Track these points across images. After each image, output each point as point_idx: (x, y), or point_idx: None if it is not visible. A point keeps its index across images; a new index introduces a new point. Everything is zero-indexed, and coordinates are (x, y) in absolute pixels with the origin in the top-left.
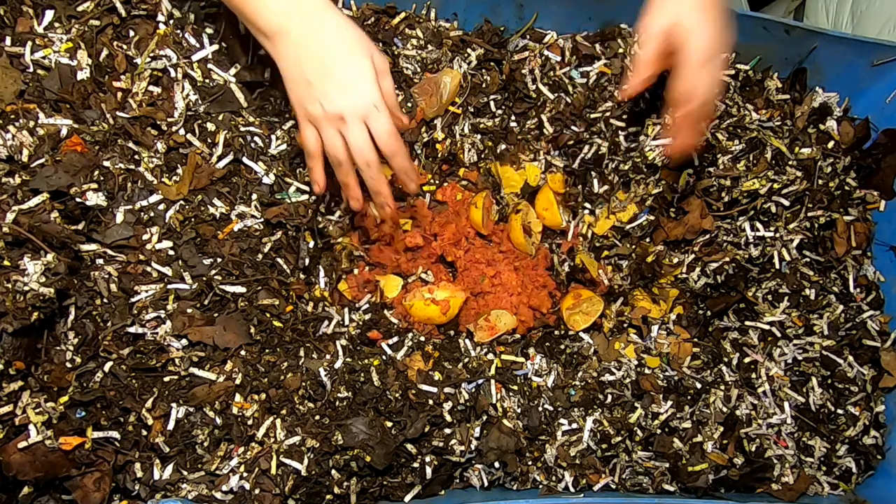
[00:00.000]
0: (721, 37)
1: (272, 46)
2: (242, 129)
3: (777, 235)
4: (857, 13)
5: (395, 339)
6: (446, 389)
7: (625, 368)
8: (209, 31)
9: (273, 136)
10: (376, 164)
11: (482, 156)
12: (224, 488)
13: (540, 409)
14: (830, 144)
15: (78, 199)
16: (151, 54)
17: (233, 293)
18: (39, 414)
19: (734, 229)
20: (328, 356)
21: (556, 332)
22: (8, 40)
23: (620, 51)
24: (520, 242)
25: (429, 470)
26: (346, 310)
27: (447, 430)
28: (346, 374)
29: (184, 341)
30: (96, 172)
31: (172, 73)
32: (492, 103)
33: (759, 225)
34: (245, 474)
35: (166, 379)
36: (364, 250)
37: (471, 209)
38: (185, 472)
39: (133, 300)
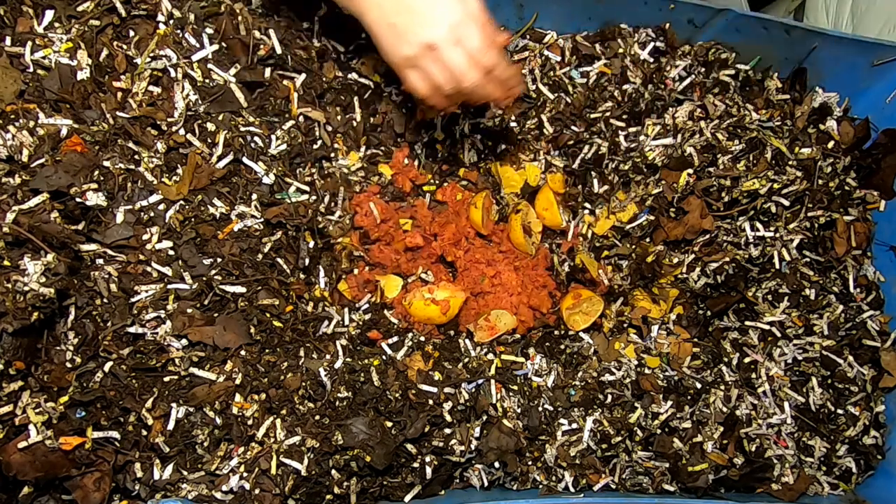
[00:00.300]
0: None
1: (353, 3)
2: (242, 129)
3: (777, 235)
4: (857, 13)
5: (395, 339)
6: (446, 389)
7: (625, 368)
8: (209, 31)
9: (273, 136)
10: (482, 80)
11: (482, 156)
12: (224, 488)
13: (540, 409)
14: (830, 144)
15: (78, 199)
16: (151, 54)
17: (233, 293)
18: (39, 414)
19: (734, 229)
20: (328, 356)
21: (556, 332)
22: (8, 40)
23: (620, 51)
24: (520, 242)
25: (429, 470)
26: (346, 310)
27: (447, 430)
28: (346, 374)
29: (184, 341)
30: (96, 172)
31: (172, 73)
32: (491, 103)
33: (759, 225)
34: (245, 474)
35: (166, 379)
36: (364, 250)
37: (471, 209)
38: (185, 472)
39: (133, 300)
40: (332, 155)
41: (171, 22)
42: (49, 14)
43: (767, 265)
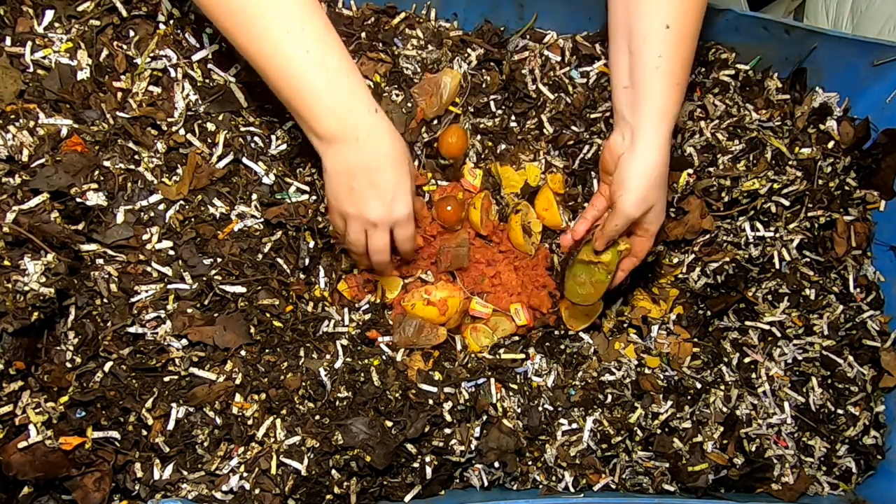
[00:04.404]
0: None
1: (324, 149)
2: (242, 129)
3: (777, 235)
4: (857, 13)
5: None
6: (446, 389)
7: (625, 368)
8: (209, 31)
9: (273, 136)
10: (386, 261)
11: (482, 156)
12: (224, 488)
13: (540, 409)
14: (830, 144)
15: (78, 199)
16: (151, 54)
17: (233, 293)
18: (39, 414)
19: (734, 229)
20: (328, 356)
21: (556, 332)
22: (8, 40)
23: None
24: (519, 243)
25: (429, 470)
26: (346, 310)
27: (447, 430)
28: (346, 374)
29: (184, 341)
30: (96, 172)
31: (172, 73)
32: (492, 103)
33: (759, 225)
34: (245, 474)
35: (166, 379)
36: None
37: (470, 210)
38: (185, 472)
39: (133, 300)
40: None
41: (171, 22)
42: (49, 14)
43: (767, 265)
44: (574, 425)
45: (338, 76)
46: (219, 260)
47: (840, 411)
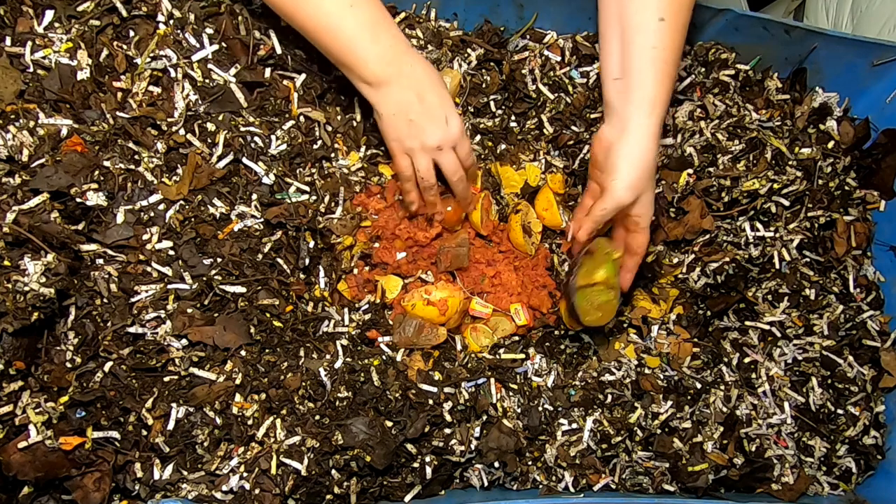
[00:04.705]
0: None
1: (374, 93)
2: (242, 129)
3: (777, 235)
4: (857, 13)
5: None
6: (446, 389)
7: (625, 368)
8: (209, 31)
9: (273, 136)
10: (465, 178)
11: (482, 156)
12: (224, 488)
13: (540, 409)
14: (830, 144)
15: (78, 199)
16: (151, 54)
17: (233, 293)
18: (39, 414)
19: (734, 229)
20: (328, 356)
21: (556, 332)
22: (8, 40)
23: None
24: (519, 243)
25: (429, 470)
26: (346, 310)
27: (447, 430)
28: (346, 374)
29: (184, 341)
30: (96, 172)
31: (172, 73)
32: (492, 103)
33: (759, 225)
34: (245, 474)
35: (166, 379)
36: (370, 250)
37: (470, 211)
38: (185, 472)
39: (133, 300)
40: (332, 155)
41: (171, 22)
42: (49, 14)
43: (767, 265)
44: (574, 425)
45: (379, 24)
46: (219, 260)
47: (840, 411)
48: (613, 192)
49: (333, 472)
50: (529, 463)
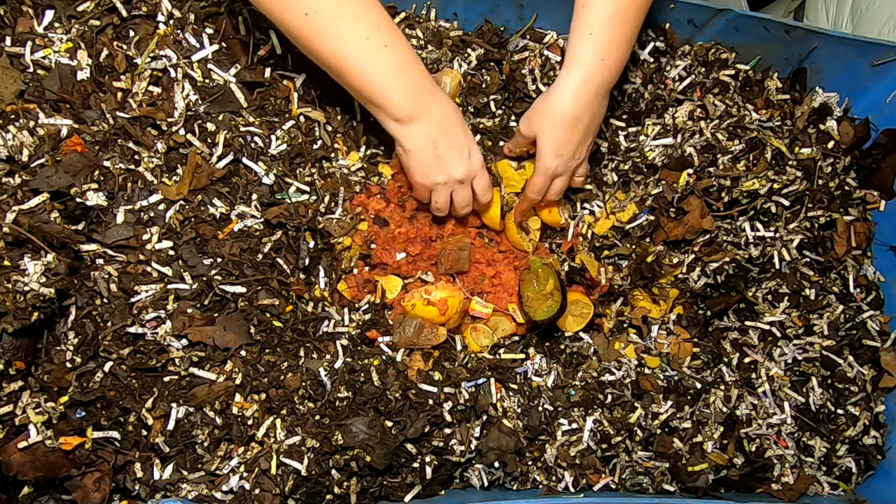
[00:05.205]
0: (568, 163)
1: (404, 130)
2: (242, 129)
3: (777, 235)
4: (857, 13)
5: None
6: (446, 389)
7: (625, 368)
8: (209, 31)
9: (273, 136)
10: (471, 211)
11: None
12: (224, 488)
13: (540, 409)
14: (830, 144)
15: (78, 199)
16: (151, 54)
17: (233, 293)
18: (39, 414)
19: (734, 229)
20: (328, 356)
21: (556, 333)
22: (8, 40)
23: None
24: (515, 240)
25: (429, 470)
26: (346, 310)
27: (447, 430)
28: (346, 374)
29: (184, 341)
30: (96, 172)
31: (172, 73)
32: (492, 103)
33: (759, 225)
34: (245, 474)
35: (166, 379)
36: (370, 250)
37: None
38: (185, 472)
39: (133, 300)
40: (332, 155)
41: (171, 22)
42: (49, 14)
43: (767, 265)
44: (574, 425)
45: (410, 63)
46: (219, 260)
47: (840, 411)
48: (539, 162)
49: (333, 472)
50: (529, 463)
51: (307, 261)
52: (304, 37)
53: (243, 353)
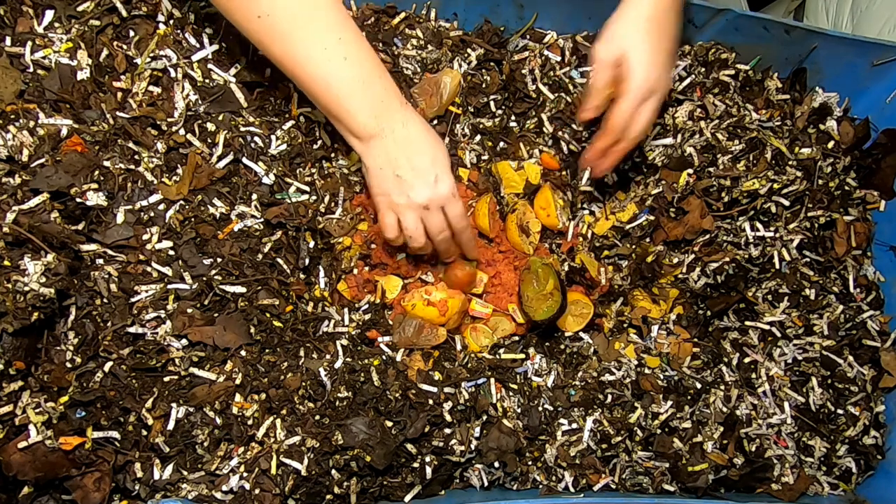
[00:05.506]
0: (663, 75)
1: (364, 147)
2: (242, 129)
3: (777, 235)
4: (857, 13)
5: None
6: (446, 389)
7: (625, 368)
8: (209, 31)
9: (273, 136)
10: (449, 238)
11: (481, 157)
12: (224, 488)
13: (540, 409)
14: (830, 144)
15: (78, 199)
16: (151, 54)
17: (233, 293)
18: (39, 414)
19: (734, 229)
20: (328, 356)
21: (556, 333)
22: (8, 40)
23: None
24: (516, 242)
25: (429, 470)
26: (346, 310)
27: (447, 430)
28: (346, 374)
29: (184, 341)
30: (96, 172)
31: (172, 73)
32: (492, 103)
33: (759, 225)
34: (245, 474)
35: (166, 379)
36: (369, 250)
37: (478, 214)
38: (185, 472)
39: (133, 300)
40: (332, 155)
41: (171, 22)
42: (49, 14)
43: (767, 265)
44: (574, 425)
45: (372, 78)
46: (219, 260)
47: (840, 411)
48: (631, 79)
49: (333, 472)
50: (529, 463)
51: (307, 261)
52: (258, 41)
53: (243, 353)
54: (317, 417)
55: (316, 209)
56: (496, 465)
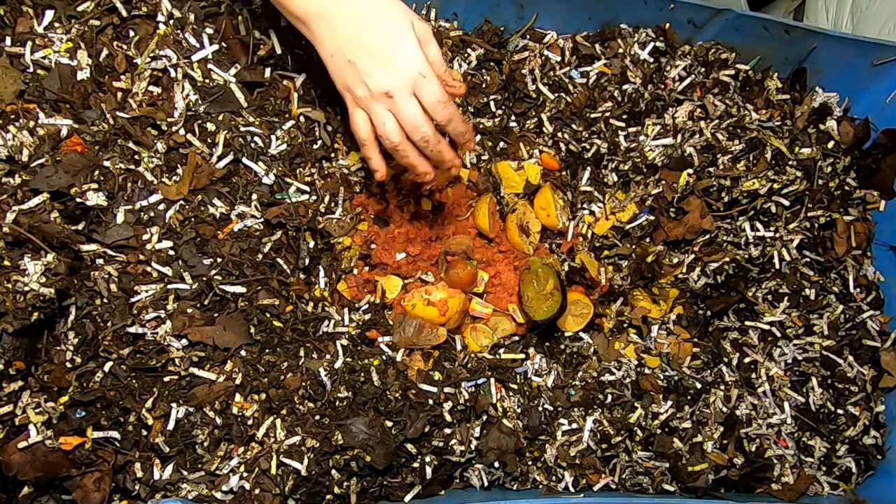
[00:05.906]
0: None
1: (309, 31)
2: (242, 129)
3: (777, 235)
4: (857, 13)
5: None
6: (446, 389)
7: (625, 368)
8: (209, 31)
9: (273, 136)
10: (434, 136)
11: (481, 157)
12: (224, 488)
13: (540, 409)
14: (830, 144)
15: (78, 199)
16: (151, 54)
17: (233, 293)
18: (39, 414)
19: (734, 229)
20: (328, 356)
21: (556, 333)
22: (8, 40)
23: (620, 51)
24: (516, 242)
25: (429, 470)
26: (346, 310)
27: (447, 430)
28: (346, 374)
29: (184, 341)
30: (96, 172)
31: (172, 73)
32: (492, 103)
33: (759, 225)
34: (245, 474)
35: (166, 379)
36: (369, 250)
37: (478, 215)
38: (185, 472)
39: (133, 300)
40: (332, 155)
41: (171, 22)
42: (49, 14)
43: (767, 265)
44: (574, 425)
45: None
46: (219, 260)
47: (840, 411)
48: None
49: (333, 472)
50: (529, 463)
51: (307, 261)
52: None
53: (243, 353)
54: (317, 417)
55: (316, 209)
56: (496, 465)
